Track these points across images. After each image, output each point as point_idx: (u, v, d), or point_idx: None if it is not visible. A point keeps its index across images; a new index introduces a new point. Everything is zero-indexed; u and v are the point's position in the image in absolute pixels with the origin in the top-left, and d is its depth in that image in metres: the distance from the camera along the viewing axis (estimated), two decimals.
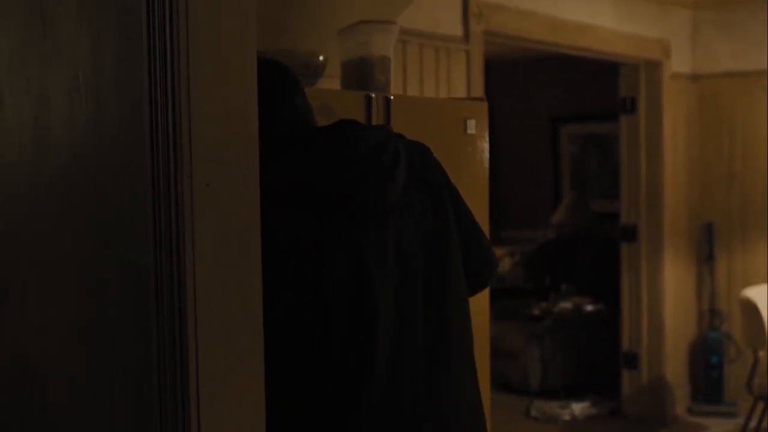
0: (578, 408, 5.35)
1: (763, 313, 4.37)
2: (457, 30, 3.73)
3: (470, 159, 2.51)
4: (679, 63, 5.23)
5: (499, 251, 6.10)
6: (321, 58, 2.24)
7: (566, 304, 5.98)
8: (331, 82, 2.42)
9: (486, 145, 2.55)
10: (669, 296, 5.20)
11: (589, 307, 5.98)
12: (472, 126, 2.50)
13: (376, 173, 1.58)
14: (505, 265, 6.52)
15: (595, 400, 5.46)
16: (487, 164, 2.56)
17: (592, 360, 5.74)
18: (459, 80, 3.69)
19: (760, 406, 4.49)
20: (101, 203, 1.45)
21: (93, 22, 1.42)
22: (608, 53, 4.81)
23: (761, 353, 4.44)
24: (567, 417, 5.29)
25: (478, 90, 3.73)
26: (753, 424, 4.55)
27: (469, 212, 1.80)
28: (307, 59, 2.22)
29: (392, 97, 2.26)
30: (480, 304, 2.50)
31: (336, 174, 1.55)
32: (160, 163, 1.30)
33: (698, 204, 5.39)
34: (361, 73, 2.28)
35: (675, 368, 5.29)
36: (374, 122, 2.21)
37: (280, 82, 1.69)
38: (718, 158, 5.34)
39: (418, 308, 1.63)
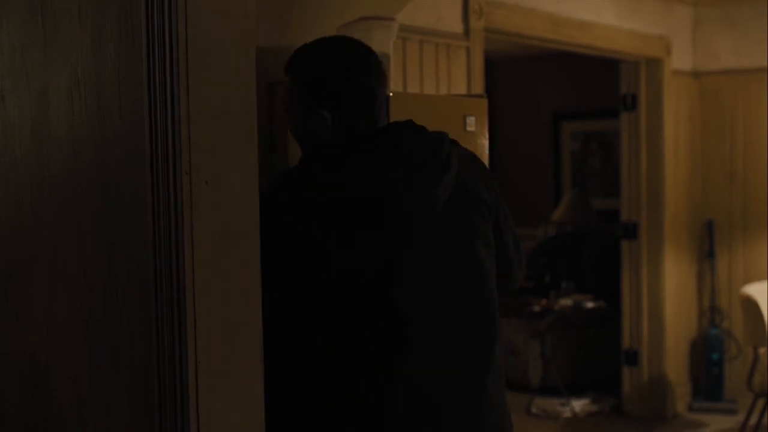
0: (579, 405, 5.35)
1: (764, 310, 4.37)
2: (458, 27, 3.73)
3: None
4: (680, 60, 5.22)
5: None
6: None
7: (567, 302, 5.98)
8: None
9: (486, 143, 2.54)
10: (670, 293, 5.20)
11: (590, 305, 5.98)
12: (471, 123, 2.50)
13: (419, 181, 1.57)
14: None
15: (596, 397, 5.46)
16: (486, 161, 2.55)
17: (592, 357, 5.74)
18: (459, 77, 3.68)
19: (761, 403, 4.49)
20: (101, 200, 1.45)
21: (93, 19, 1.42)
22: (609, 50, 4.80)
23: (761, 350, 4.43)
24: (568, 414, 5.29)
25: (479, 87, 3.73)
26: (753, 421, 4.55)
27: (508, 221, 1.82)
28: None
29: (391, 95, 2.25)
30: None
31: (378, 179, 1.55)
32: (159, 160, 1.30)
33: (699, 201, 5.38)
34: None
35: (675, 365, 5.29)
36: None
37: (356, 65, 1.69)
38: (719, 155, 5.34)
39: (451, 318, 1.63)
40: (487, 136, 2.55)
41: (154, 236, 1.31)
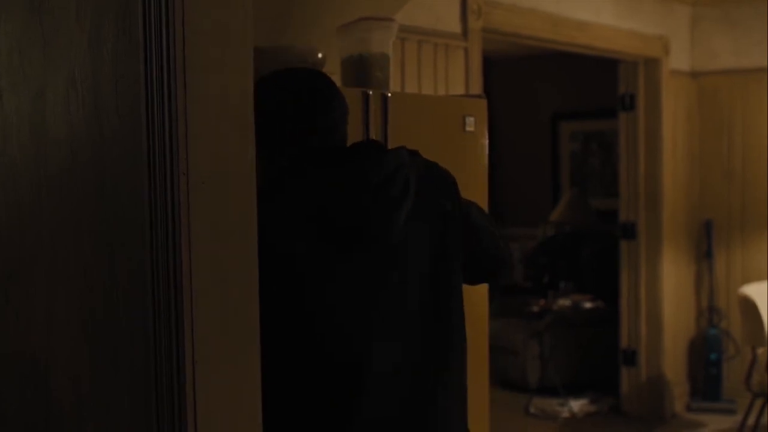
0: (577, 405, 5.36)
1: (762, 310, 4.37)
2: (456, 27, 3.73)
3: (469, 156, 2.51)
4: (678, 60, 5.23)
5: None
6: (320, 55, 2.24)
7: (565, 302, 5.98)
8: None
9: (485, 143, 2.55)
10: (668, 293, 5.20)
11: (588, 305, 5.98)
12: (470, 123, 2.50)
13: (384, 205, 1.58)
14: None
15: (594, 398, 5.46)
16: (485, 161, 2.55)
17: (591, 357, 5.75)
18: (458, 77, 3.68)
19: (759, 403, 4.50)
20: (99, 200, 1.45)
21: (91, 18, 1.42)
22: (608, 50, 4.80)
23: (760, 350, 4.44)
24: (566, 414, 5.30)
25: (477, 87, 3.73)
26: (751, 421, 4.56)
27: (480, 211, 1.83)
28: (306, 56, 2.22)
29: (390, 95, 2.26)
30: (479, 300, 2.50)
31: (346, 204, 1.56)
32: (156, 160, 1.30)
33: (697, 201, 5.39)
34: (360, 70, 2.28)
35: (674, 365, 5.29)
36: (372, 120, 2.21)
37: (319, 92, 1.69)
38: (718, 155, 5.34)
39: (416, 335, 1.64)
40: (486, 136, 2.55)
41: (152, 237, 1.31)
